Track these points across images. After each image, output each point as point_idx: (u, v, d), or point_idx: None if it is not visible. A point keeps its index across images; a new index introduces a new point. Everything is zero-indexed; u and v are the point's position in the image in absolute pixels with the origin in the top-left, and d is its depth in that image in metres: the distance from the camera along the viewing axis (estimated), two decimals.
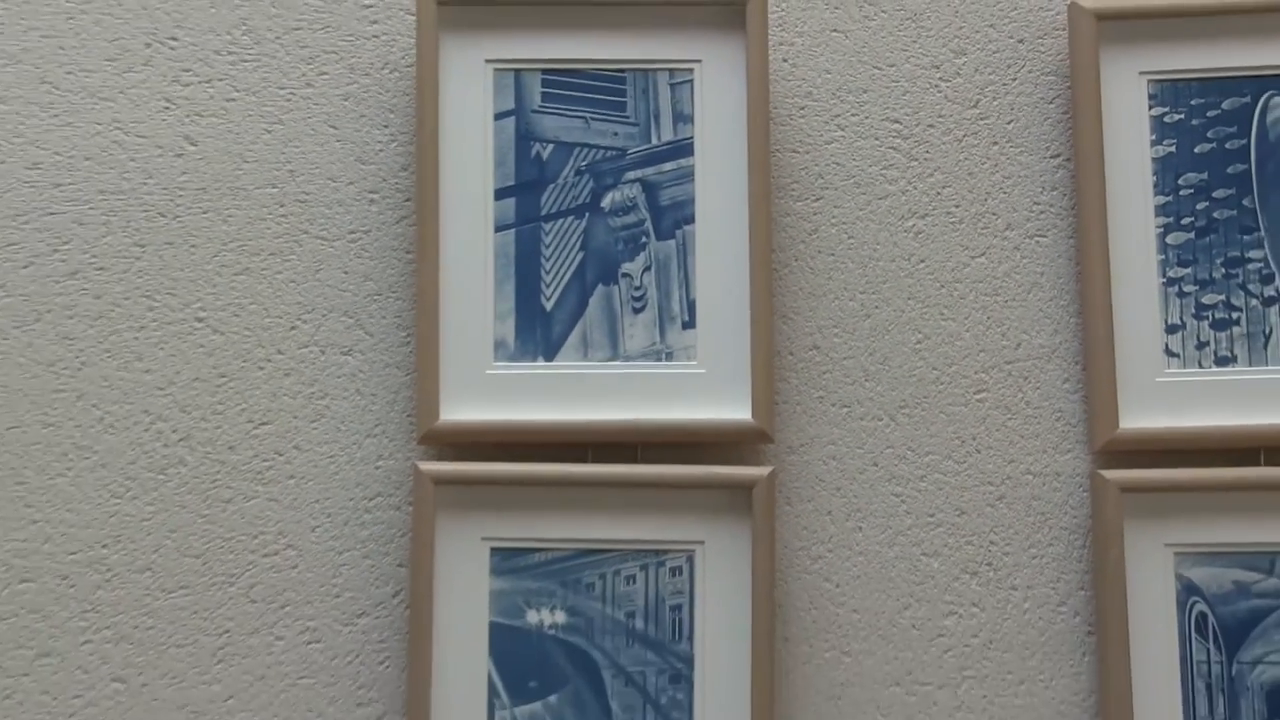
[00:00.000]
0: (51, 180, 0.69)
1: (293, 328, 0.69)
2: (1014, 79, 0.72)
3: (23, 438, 0.68)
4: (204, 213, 0.69)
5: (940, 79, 0.71)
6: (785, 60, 0.71)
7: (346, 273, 0.70)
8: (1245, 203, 0.70)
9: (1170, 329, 0.70)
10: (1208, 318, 0.70)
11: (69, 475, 0.68)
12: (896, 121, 0.72)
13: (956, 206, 0.71)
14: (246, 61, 0.70)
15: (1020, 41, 0.72)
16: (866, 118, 0.72)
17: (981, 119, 0.71)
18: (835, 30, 0.72)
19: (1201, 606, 0.68)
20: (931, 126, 0.72)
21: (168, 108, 0.70)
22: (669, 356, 0.70)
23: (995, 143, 0.71)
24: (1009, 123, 0.72)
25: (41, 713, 0.66)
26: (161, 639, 0.68)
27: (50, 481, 0.68)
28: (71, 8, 0.70)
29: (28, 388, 0.68)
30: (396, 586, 0.69)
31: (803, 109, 0.71)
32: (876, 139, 0.71)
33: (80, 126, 0.70)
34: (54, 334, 0.69)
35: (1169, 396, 0.69)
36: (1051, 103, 0.71)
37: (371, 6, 0.71)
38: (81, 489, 0.68)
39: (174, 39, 0.70)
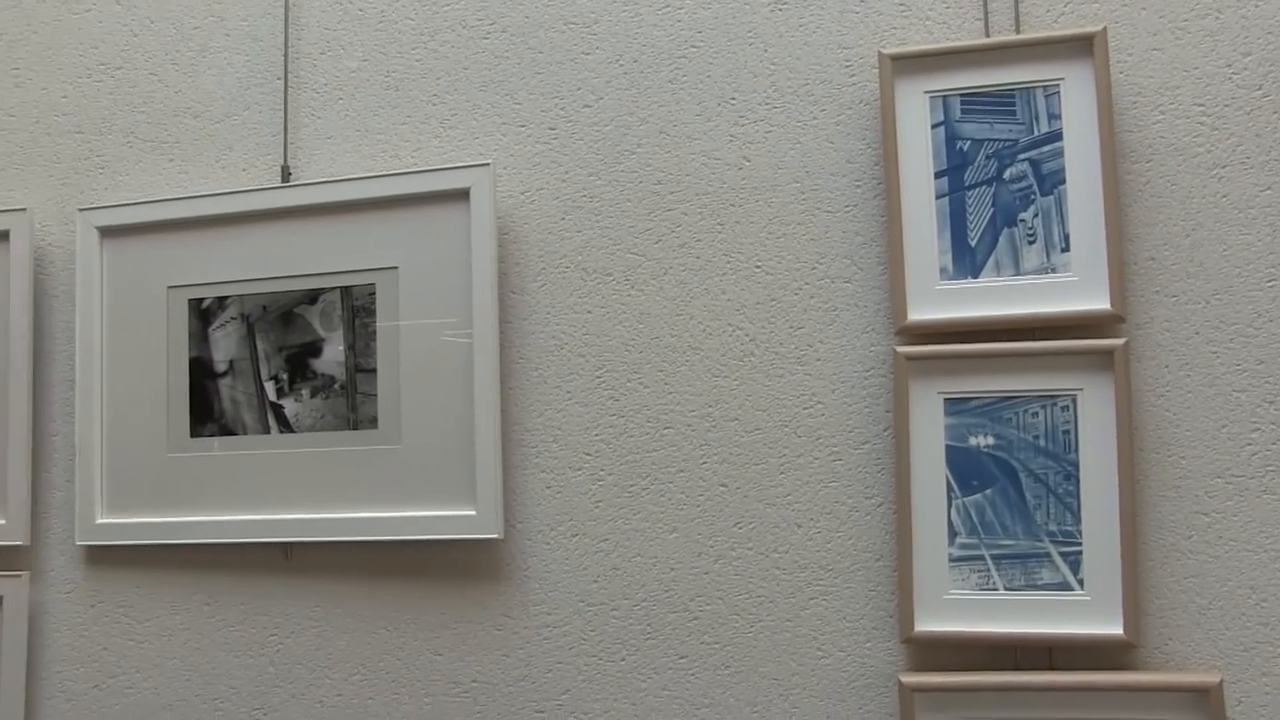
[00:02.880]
0: (668, 190, 1.35)
1: (813, 268, 1.32)
2: None
3: (659, 343, 1.34)
4: (755, 203, 1.33)
5: (1231, 73, 1.26)
6: (1121, 72, 1.28)
7: (844, 231, 1.32)
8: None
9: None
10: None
11: (694, 360, 1.32)
12: (1200, 105, 1.27)
13: (1248, 158, 1.26)
14: (777, 107, 1.34)
15: None
16: (1179, 104, 1.27)
17: (1265, 97, 1.26)
18: (1154, 49, 1.28)
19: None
20: (1227, 105, 1.26)
21: (731, 140, 1.35)
22: (1053, 271, 1.27)
23: (1277, 111, 1.25)
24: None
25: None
26: (748, 457, 1.32)
27: (678, 368, 1.34)
28: (664, 81, 1.36)
29: (664, 312, 1.34)
30: (886, 425, 1.30)
31: (1134, 103, 1.28)
32: (1188, 118, 1.26)
33: (681, 154, 1.35)
34: (676, 280, 1.34)
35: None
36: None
37: (849, 65, 1.33)
38: (695, 371, 1.33)
39: (733, 99, 1.35)
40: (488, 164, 1.29)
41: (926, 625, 1.19)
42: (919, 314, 1.22)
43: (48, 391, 1.48)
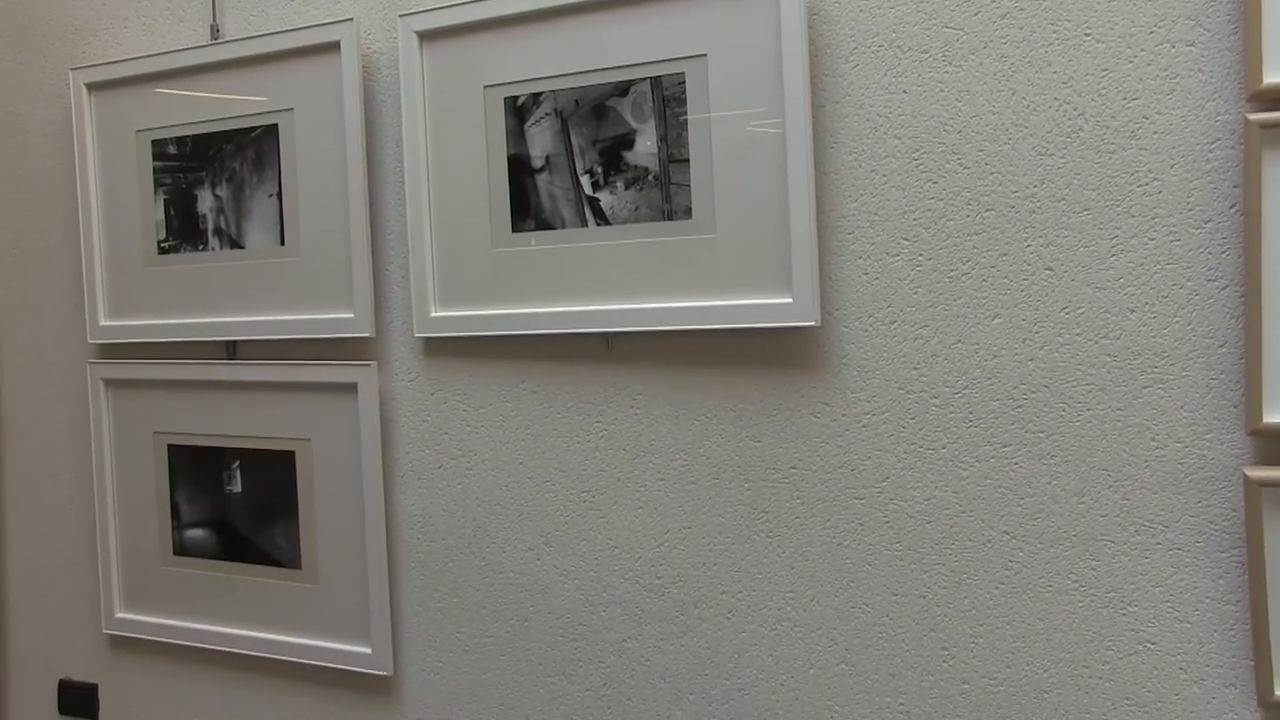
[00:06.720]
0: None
1: (1151, 32, 1.38)
2: None
3: (979, 121, 1.49)
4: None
5: None
6: None
7: (1174, 7, 1.40)
8: None
9: None
10: None
11: (1017, 138, 1.45)
12: None
13: None
14: None
15: None
16: None
17: None
18: None
19: None
20: None
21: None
22: None
23: None
24: None
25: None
26: (1076, 238, 1.46)
27: (1000, 146, 1.48)
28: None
29: (984, 89, 1.43)
30: (1233, 201, 1.38)
31: None
32: None
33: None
34: (997, 53, 1.45)
35: None
36: None
37: None
38: (1018, 149, 1.44)
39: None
40: None
41: (1277, 416, 1.29)
42: (1271, 78, 1.29)
43: (382, 193, 1.82)
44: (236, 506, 1.85)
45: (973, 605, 1.43)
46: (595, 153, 1.55)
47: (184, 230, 1.86)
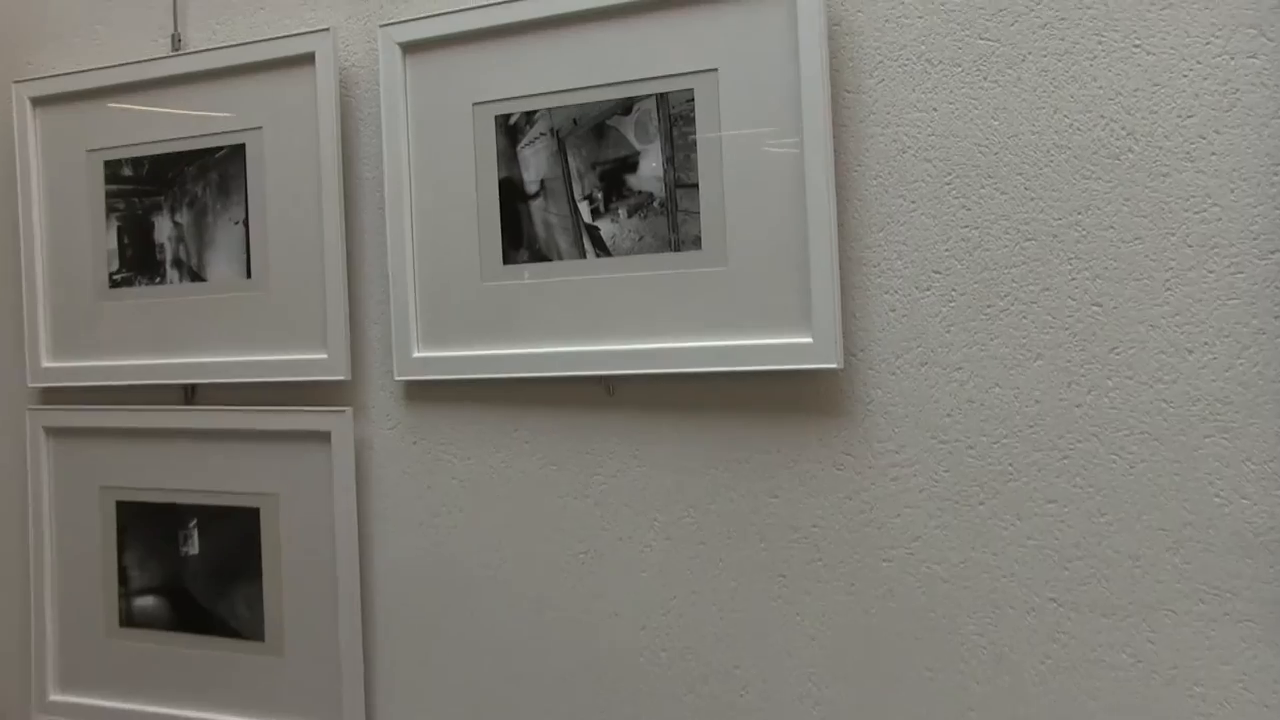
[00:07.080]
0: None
1: (1207, 43, 1.27)
2: None
3: (1018, 142, 1.38)
4: None
5: None
6: None
7: (1234, 15, 1.32)
8: None
9: None
10: None
11: (1059, 160, 1.34)
12: None
13: None
14: None
15: None
16: None
17: None
18: None
19: None
20: None
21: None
22: None
23: None
24: None
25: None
26: (1126, 271, 1.37)
27: (1041, 169, 1.39)
28: None
29: (1022, 106, 1.34)
30: None
31: None
32: None
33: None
34: (1037, 67, 1.34)
35: None
36: None
37: None
38: (1061, 172, 1.34)
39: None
40: None
41: None
42: None
43: (360, 221, 1.71)
44: (193, 571, 1.74)
45: (1016, 682, 1.33)
46: (595, 176, 1.45)
47: (139, 261, 1.76)
